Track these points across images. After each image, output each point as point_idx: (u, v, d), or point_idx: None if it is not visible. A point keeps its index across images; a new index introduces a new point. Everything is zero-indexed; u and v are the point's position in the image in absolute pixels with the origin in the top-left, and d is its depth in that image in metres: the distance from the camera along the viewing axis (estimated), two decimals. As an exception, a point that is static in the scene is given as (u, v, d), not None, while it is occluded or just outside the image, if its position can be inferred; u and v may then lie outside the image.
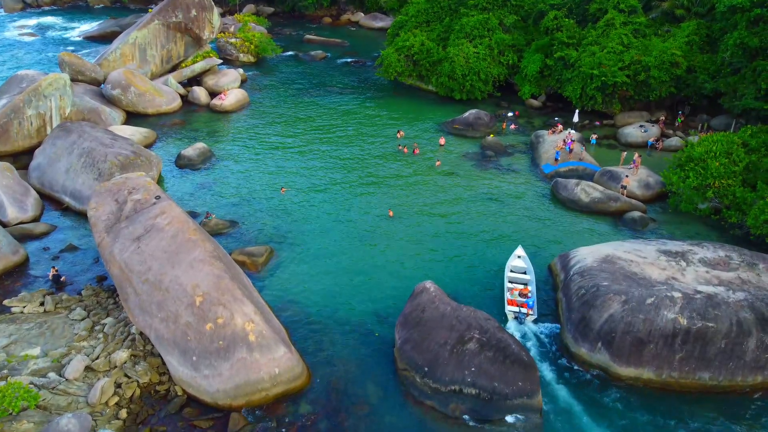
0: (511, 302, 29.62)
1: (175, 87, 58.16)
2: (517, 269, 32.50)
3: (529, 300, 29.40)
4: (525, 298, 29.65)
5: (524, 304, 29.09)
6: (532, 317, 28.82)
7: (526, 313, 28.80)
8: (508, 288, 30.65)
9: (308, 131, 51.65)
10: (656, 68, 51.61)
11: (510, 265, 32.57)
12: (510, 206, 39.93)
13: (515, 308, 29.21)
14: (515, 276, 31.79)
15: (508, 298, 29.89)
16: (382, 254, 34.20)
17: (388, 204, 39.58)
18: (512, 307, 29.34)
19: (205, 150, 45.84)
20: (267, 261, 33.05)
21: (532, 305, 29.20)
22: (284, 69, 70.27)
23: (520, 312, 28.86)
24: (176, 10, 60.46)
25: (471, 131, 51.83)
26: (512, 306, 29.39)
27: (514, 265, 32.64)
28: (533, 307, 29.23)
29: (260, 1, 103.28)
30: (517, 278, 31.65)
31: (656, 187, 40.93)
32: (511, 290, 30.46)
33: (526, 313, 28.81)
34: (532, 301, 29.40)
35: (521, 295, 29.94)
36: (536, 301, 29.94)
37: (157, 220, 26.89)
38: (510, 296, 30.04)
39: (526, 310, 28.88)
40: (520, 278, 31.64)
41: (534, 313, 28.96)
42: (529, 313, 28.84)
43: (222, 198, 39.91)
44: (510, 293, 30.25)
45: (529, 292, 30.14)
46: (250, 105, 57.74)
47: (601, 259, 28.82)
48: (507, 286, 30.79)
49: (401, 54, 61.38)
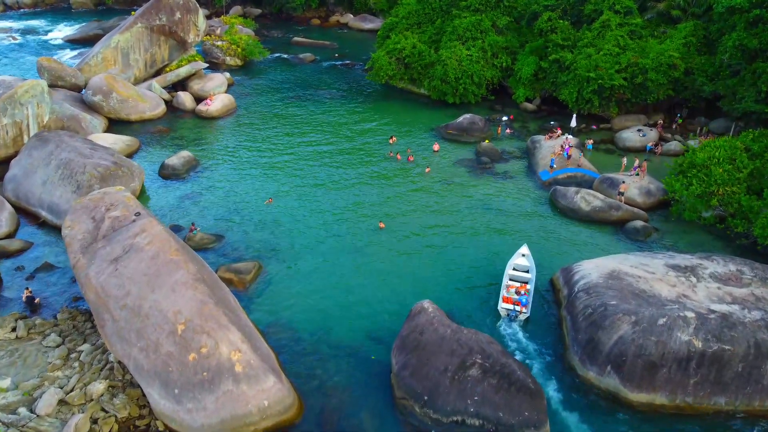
0: (506, 299, 29.12)
1: (159, 92, 56.27)
2: (520, 267, 31.79)
3: (523, 298, 28.81)
4: (519, 296, 29.05)
5: (518, 302, 28.57)
6: (524, 315, 28.26)
7: (519, 311, 28.25)
8: (506, 285, 30.05)
9: (296, 138, 49.98)
10: (654, 71, 50.44)
11: (512, 262, 31.87)
12: (507, 216, 38.49)
13: (510, 306, 28.70)
14: (516, 274, 31.19)
15: (503, 294, 29.35)
16: (375, 269, 32.63)
17: (381, 214, 38.03)
18: (506, 304, 28.86)
19: (190, 158, 44.05)
20: (255, 278, 31.38)
21: (525, 303, 28.65)
22: (272, 72, 68.53)
23: (513, 310, 28.35)
24: (160, 13, 58.54)
25: (465, 136, 50.38)
26: (507, 303, 28.92)
27: (517, 263, 31.91)
28: (527, 305, 28.65)
29: (247, 3, 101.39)
30: (518, 276, 31.05)
31: (658, 194, 39.64)
32: (508, 287, 29.92)
33: (518, 311, 28.27)
34: (527, 300, 28.87)
35: (517, 293, 29.36)
36: (531, 301, 29.36)
37: (136, 239, 25.16)
38: (506, 293, 29.50)
39: (519, 308, 28.32)
40: (521, 277, 31.04)
41: (527, 312, 28.36)
42: (522, 311, 28.27)
43: (207, 210, 38.15)
44: (507, 290, 29.72)
45: (527, 290, 29.62)
46: (237, 110, 55.96)
47: (607, 275, 27.43)
48: (505, 283, 30.20)
49: (392, 57, 59.86)
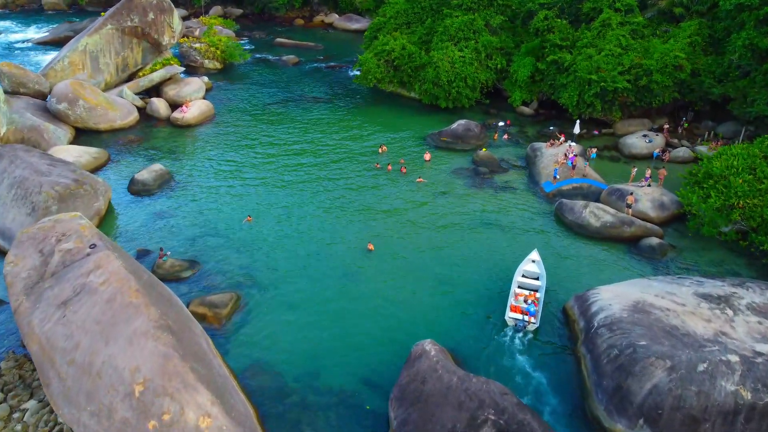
0: (514, 308, 27.55)
1: (131, 99, 52.41)
2: (530, 274, 30.20)
3: (531, 307, 27.14)
4: (527, 305, 27.45)
5: (526, 312, 26.99)
6: (533, 326, 26.59)
7: (527, 322, 26.59)
8: (515, 293, 28.60)
9: (278, 147, 46.41)
10: (658, 72, 47.52)
11: (522, 269, 30.31)
12: (510, 233, 35.26)
13: (518, 315, 27.05)
14: (526, 281, 29.63)
15: (511, 303, 27.84)
16: (367, 297, 29.22)
17: (371, 233, 34.66)
18: (514, 314, 27.21)
19: (163, 172, 40.33)
20: (232, 311, 27.83)
21: (534, 313, 27.04)
22: (253, 76, 64.83)
23: (521, 320, 26.72)
24: (131, 14, 54.67)
25: (460, 144, 47.11)
26: (515, 313, 27.28)
27: (527, 270, 30.32)
28: (535, 315, 27.10)
29: (228, 3, 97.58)
30: (528, 284, 29.54)
31: (672, 207, 36.60)
32: (516, 296, 28.45)
33: (527, 321, 26.61)
34: (535, 310, 27.30)
35: (525, 301, 27.86)
36: (541, 311, 27.80)
37: (90, 277, 21.58)
38: (514, 302, 28.03)
39: (527, 318, 26.68)
40: (530, 284, 29.52)
41: (536, 322, 26.74)
42: (530, 321, 26.65)
43: (180, 230, 34.52)
44: (515, 299, 28.26)
45: (536, 299, 28.24)
46: (216, 117, 52.26)
47: (630, 307, 24.24)
48: (514, 291, 28.75)
49: (380, 59, 56.47)
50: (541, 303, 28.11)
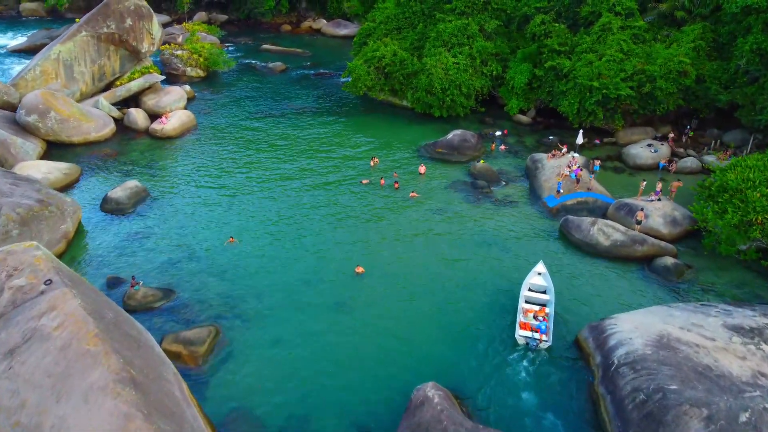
0: (523, 326, 25.86)
1: (107, 109, 49.52)
2: (536, 288, 28.63)
3: (542, 324, 25.54)
4: (538, 322, 25.88)
5: (537, 330, 25.39)
6: (545, 344, 24.98)
7: (539, 340, 24.96)
8: (523, 309, 26.96)
9: (264, 161, 43.72)
10: (662, 78, 45.38)
11: (528, 282, 28.67)
12: (512, 253, 32.75)
13: (528, 333, 25.39)
14: (533, 296, 27.95)
15: (520, 320, 26.15)
16: (360, 329, 26.52)
17: (364, 254, 32.06)
18: (524, 331, 25.53)
19: (139, 189, 37.49)
20: (211, 348, 25.05)
21: (545, 330, 25.40)
22: (238, 84, 62.12)
23: (531, 338, 25.07)
24: (108, 20, 51.84)
25: (456, 155, 44.64)
26: (524, 330, 25.60)
27: (533, 283, 28.69)
28: (547, 332, 25.45)
29: (212, 8, 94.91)
30: (535, 298, 27.90)
31: (684, 223, 34.29)
32: (525, 312, 26.83)
33: (538, 339, 24.97)
34: (545, 326, 25.57)
35: (536, 318, 26.31)
36: (552, 326, 26.15)
37: (42, 320, 18.78)
38: (523, 318, 26.37)
39: (539, 336, 25.05)
40: (537, 298, 27.89)
41: (548, 340, 25.16)
42: (542, 339, 25.03)
43: (156, 254, 31.70)
44: (524, 315, 26.63)
45: (546, 314, 26.72)
46: (197, 129, 49.49)
47: (654, 341, 21.77)
48: (521, 307, 27.07)
49: (371, 66, 53.98)
50: (551, 318, 26.52)
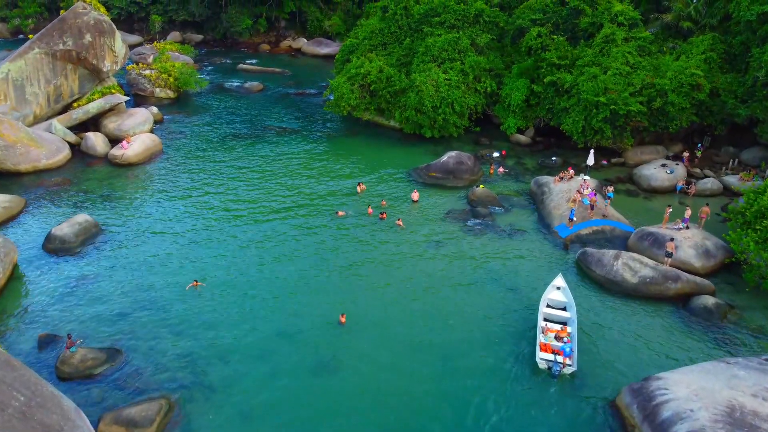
0: (544, 347, 23.40)
1: (61, 134, 44.40)
2: (556, 304, 26.22)
3: (566, 346, 23.00)
4: (561, 343, 23.40)
5: (560, 352, 22.85)
6: (570, 369, 22.46)
7: (562, 364, 22.37)
8: (542, 328, 24.45)
9: (237, 189, 38.79)
10: (674, 92, 41.53)
11: (546, 298, 26.26)
12: (523, 293, 28.05)
13: (549, 356, 22.91)
14: (552, 312, 25.57)
15: (540, 341, 23.73)
16: (348, 397, 21.58)
17: (350, 299, 27.22)
18: (545, 354, 23.06)
19: (89, 224, 32.37)
20: (161, 429, 19.93)
21: (569, 353, 22.74)
22: (212, 105, 57.36)
23: (554, 362, 22.46)
24: (64, 35, 47.01)
25: (452, 180, 40.12)
26: (546, 353, 23.10)
27: (552, 299, 26.30)
28: (572, 355, 22.78)
29: (187, 28, 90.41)
30: (555, 316, 25.51)
31: (718, 254, 29.96)
32: (545, 331, 24.36)
33: (561, 363, 22.37)
34: (570, 348, 22.96)
35: (558, 338, 23.92)
36: (577, 347, 23.48)
37: None
38: (543, 339, 23.89)
39: (562, 359, 22.50)
40: (557, 316, 25.51)
41: (572, 364, 22.54)
42: (566, 363, 22.48)
43: (102, 304, 26.50)
44: (544, 335, 24.13)
45: (569, 335, 24.18)
46: (163, 154, 44.49)
47: (725, 416, 17.12)
48: (540, 326, 24.58)
49: (355, 83, 49.59)
50: (574, 339, 23.89)
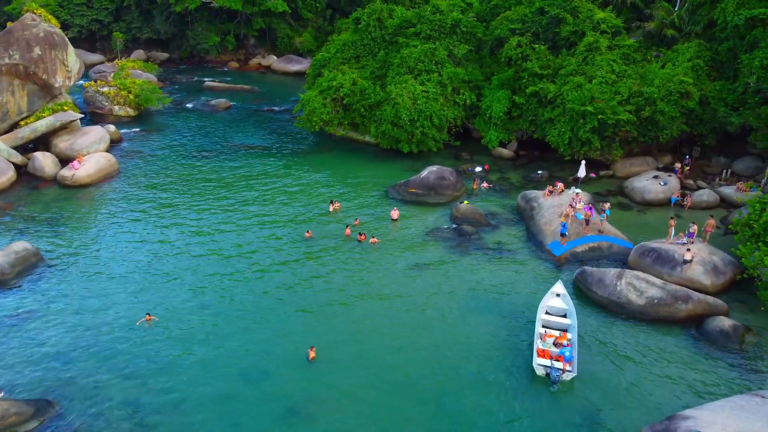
0: (541, 353, 22.44)
1: (5, 154, 40.48)
2: (555, 311, 25.19)
3: (565, 350, 21.89)
4: (561, 348, 22.33)
5: (559, 357, 21.83)
6: (570, 375, 21.38)
7: (561, 369, 21.33)
8: (540, 334, 23.49)
9: (198, 212, 35.37)
10: (663, 101, 39.56)
11: (545, 305, 25.27)
12: (517, 321, 25.16)
13: (547, 362, 21.82)
14: (551, 319, 24.65)
15: (538, 347, 22.79)
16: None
17: (323, 331, 23.99)
18: (543, 360, 22.05)
19: (28, 253, 28.63)
20: (96, 502, 16.38)
21: (570, 358, 21.67)
22: (175, 123, 53.93)
23: (552, 367, 21.38)
24: (11, 48, 43.34)
25: (433, 196, 37.28)
26: (543, 359, 22.11)
27: (551, 305, 25.32)
28: (571, 360, 21.66)
29: (152, 46, 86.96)
30: (554, 322, 24.59)
31: (727, 270, 27.49)
32: (543, 336, 23.35)
33: (561, 369, 21.32)
34: (570, 353, 21.84)
35: (556, 344, 22.85)
36: (577, 354, 22.29)
37: None
38: (541, 345, 22.91)
39: (561, 365, 21.46)
40: (557, 323, 24.59)
41: (572, 370, 21.46)
42: (566, 368, 21.44)
43: (37, 346, 22.80)
44: (542, 340, 23.16)
45: (568, 340, 23.10)
46: (119, 175, 40.87)
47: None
48: (539, 332, 23.64)
49: (327, 97, 46.75)
50: (575, 345, 22.70)
